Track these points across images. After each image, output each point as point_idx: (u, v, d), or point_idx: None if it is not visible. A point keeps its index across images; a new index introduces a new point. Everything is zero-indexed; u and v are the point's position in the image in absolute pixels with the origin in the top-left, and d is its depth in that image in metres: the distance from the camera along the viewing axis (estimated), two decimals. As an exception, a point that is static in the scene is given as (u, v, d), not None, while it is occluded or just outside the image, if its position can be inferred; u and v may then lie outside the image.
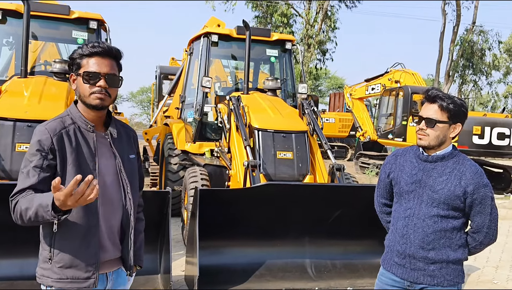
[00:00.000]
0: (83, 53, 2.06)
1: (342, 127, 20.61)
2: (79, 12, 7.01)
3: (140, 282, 4.40)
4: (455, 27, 29.30)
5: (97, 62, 2.05)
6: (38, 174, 1.93)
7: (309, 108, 6.70)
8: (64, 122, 2.06)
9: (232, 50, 8.22)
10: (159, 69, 13.68)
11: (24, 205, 1.87)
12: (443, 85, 30.49)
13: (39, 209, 1.82)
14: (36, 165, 1.94)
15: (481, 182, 2.39)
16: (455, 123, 2.44)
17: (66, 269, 2.00)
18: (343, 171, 5.84)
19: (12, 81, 5.92)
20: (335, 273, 4.91)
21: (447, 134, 2.44)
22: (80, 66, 2.07)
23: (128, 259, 2.18)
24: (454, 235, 2.45)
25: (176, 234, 6.37)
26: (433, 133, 2.41)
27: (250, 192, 4.85)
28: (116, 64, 2.12)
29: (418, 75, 14.94)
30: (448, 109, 2.39)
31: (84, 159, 2.03)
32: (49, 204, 1.79)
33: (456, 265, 2.47)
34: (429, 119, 2.41)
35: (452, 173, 2.42)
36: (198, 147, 7.35)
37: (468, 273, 5.78)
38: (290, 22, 26.71)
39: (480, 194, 2.38)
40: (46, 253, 2.01)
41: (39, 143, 1.96)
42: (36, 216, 1.84)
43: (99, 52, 2.06)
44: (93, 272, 2.03)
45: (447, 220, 2.43)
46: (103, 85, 2.04)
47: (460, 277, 2.50)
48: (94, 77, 2.03)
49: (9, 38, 7.24)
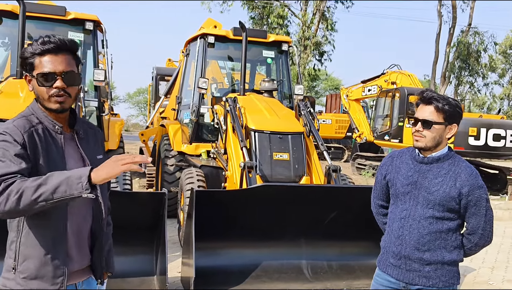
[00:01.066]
0: (34, 51, 1.86)
1: (338, 128, 20.62)
2: (75, 13, 7.00)
3: (135, 283, 4.40)
4: (451, 29, 29.44)
5: (50, 60, 1.86)
6: (25, 162, 1.75)
7: (306, 109, 6.70)
8: (31, 121, 1.87)
9: (228, 51, 8.22)
10: (156, 70, 13.68)
11: (31, 183, 1.66)
12: (439, 87, 30.59)
13: (63, 183, 1.66)
14: (18, 154, 1.74)
15: (476, 183, 2.39)
16: (451, 124, 2.44)
17: (30, 280, 1.82)
18: (339, 172, 5.85)
19: (8, 82, 5.91)
20: (331, 274, 4.91)
21: (443, 135, 2.44)
22: (33, 67, 1.87)
23: (99, 267, 2.04)
24: (450, 237, 2.45)
25: (173, 236, 6.36)
26: (429, 134, 2.41)
27: (247, 193, 4.84)
28: (72, 58, 1.93)
29: (414, 76, 14.96)
30: (444, 110, 2.39)
31: (54, 161, 1.86)
32: (86, 175, 1.66)
33: (451, 266, 2.47)
34: (425, 121, 2.41)
35: (447, 175, 2.42)
36: (194, 148, 7.35)
37: (464, 274, 5.79)
38: (285, 23, 26.73)
39: (475, 195, 2.38)
40: (11, 262, 1.83)
41: (12, 137, 1.77)
42: (54, 192, 1.65)
43: (51, 49, 1.86)
44: (60, 284, 1.85)
45: (442, 222, 2.43)
46: (60, 86, 1.86)
47: (455, 278, 2.50)
48: (49, 78, 1.85)
49: (5, 39, 7.23)
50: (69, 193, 1.66)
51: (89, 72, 7.21)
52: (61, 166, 1.86)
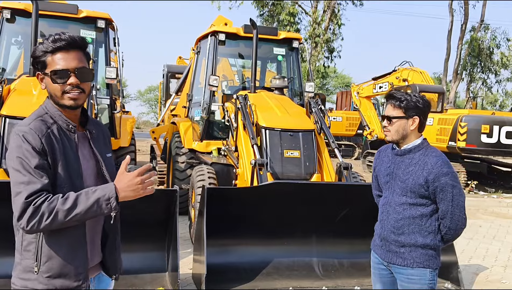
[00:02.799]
0: (45, 50, 1.87)
1: (349, 125, 20.54)
2: (87, 11, 7.05)
3: (147, 280, 4.43)
4: (462, 25, 29.13)
5: (63, 58, 1.87)
6: (45, 174, 1.78)
7: (316, 106, 6.69)
8: (46, 121, 1.89)
9: (239, 48, 8.22)
10: (167, 68, 13.72)
11: (63, 206, 1.72)
12: (451, 84, 30.32)
13: (94, 204, 1.75)
14: (38, 165, 1.76)
15: (441, 171, 2.59)
16: (411, 116, 2.68)
17: (54, 279, 1.86)
18: (350, 170, 5.83)
19: (21, 80, 5.97)
20: (342, 272, 4.91)
21: (407, 128, 2.70)
22: (45, 65, 1.88)
23: (113, 264, 2.10)
24: (424, 222, 2.67)
25: (184, 233, 6.39)
26: (392, 128, 2.72)
27: (257, 190, 4.84)
28: (84, 54, 1.95)
29: (426, 73, 14.83)
30: (400, 106, 2.68)
31: (70, 160, 1.88)
32: (113, 196, 1.77)
33: (426, 249, 2.68)
34: (387, 117, 2.73)
35: (417, 164, 2.66)
36: (205, 146, 7.37)
37: (476, 272, 5.75)
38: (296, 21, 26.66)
39: (440, 182, 2.57)
40: (30, 263, 1.84)
41: (30, 145, 1.78)
42: (86, 213, 1.75)
43: (62, 46, 1.87)
44: (82, 281, 1.91)
45: (415, 208, 2.67)
46: (74, 82, 1.88)
47: (431, 262, 2.69)
48: (63, 75, 1.86)
49: (18, 37, 7.30)
50: (100, 213, 1.78)
51: (101, 70, 7.26)
52: (76, 165, 1.90)
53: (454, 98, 29.93)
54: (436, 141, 12.85)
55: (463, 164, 12.83)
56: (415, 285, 2.69)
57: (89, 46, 7.32)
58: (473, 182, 12.42)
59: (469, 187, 12.40)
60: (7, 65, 7.03)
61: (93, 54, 7.17)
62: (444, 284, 4.81)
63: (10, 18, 6.76)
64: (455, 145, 12.17)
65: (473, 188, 12.55)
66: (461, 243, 7.06)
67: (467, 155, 13.04)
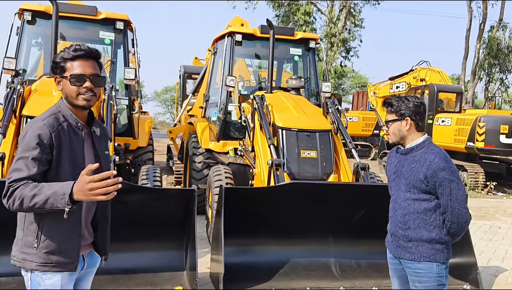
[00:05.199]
0: (66, 57, 2.20)
1: (365, 126, 20.40)
2: (106, 12, 7.13)
3: (166, 278, 4.47)
4: (481, 25, 28.72)
5: (81, 65, 2.19)
6: (37, 166, 2.04)
7: (333, 106, 6.68)
8: (58, 118, 2.18)
9: (255, 49, 8.24)
10: (183, 68, 13.81)
11: (29, 192, 1.97)
12: (469, 84, 29.94)
13: (51, 196, 1.95)
14: (35, 157, 2.04)
15: (438, 166, 2.71)
16: (403, 118, 2.86)
17: (51, 254, 2.15)
18: (367, 170, 5.81)
19: (42, 81, 6.06)
20: (360, 273, 4.89)
21: (402, 129, 2.87)
22: (64, 70, 2.20)
23: (102, 245, 2.41)
24: (429, 217, 2.79)
25: (201, 232, 6.42)
26: (390, 131, 2.92)
27: (274, 190, 4.86)
28: (98, 64, 2.29)
29: (444, 73, 14.69)
30: (393, 110, 2.88)
31: (75, 155, 2.19)
32: (68, 193, 1.94)
33: (431, 243, 2.78)
34: (386, 121, 2.94)
35: (418, 161, 2.80)
36: (222, 146, 7.40)
37: (495, 274, 5.69)
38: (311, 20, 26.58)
39: (438, 177, 2.70)
40: (31, 239, 2.13)
41: (39, 137, 2.06)
42: (45, 203, 1.96)
43: (82, 55, 2.20)
44: (75, 257, 2.22)
45: (419, 203, 2.80)
46: (89, 86, 2.20)
47: (438, 256, 2.78)
48: (80, 79, 2.18)
49: (38, 38, 7.42)
50: (56, 206, 1.97)
51: (120, 71, 7.34)
52: (80, 158, 2.21)
53: (472, 98, 29.55)
54: (454, 141, 12.71)
55: (481, 164, 12.67)
56: (423, 278, 2.80)
57: (108, 47, 7.42)
58: (492, 183, 12.27)
59: (487, 188, 12.25)
60: (27, 66, 7.14)
61: (112, 55, 7.26)
62: (463, 285, 4.77)
63: (31, 20, 6.88)
64: (474, 146, 12.02)
65: (492, 189, 12.39)
66: (480, 244, 6.99)
67: (485, 156, 12.87)
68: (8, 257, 2.14)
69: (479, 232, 7.86)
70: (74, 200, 1.95)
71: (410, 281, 2.88)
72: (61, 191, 1.95)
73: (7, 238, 3.99)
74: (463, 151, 12.68)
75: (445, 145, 11.98)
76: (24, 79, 5.94)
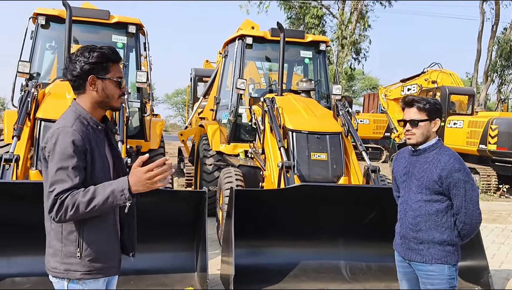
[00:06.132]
0: (110, 57, 2.16)
1: (376, 128, 20.34)
2: (118, 16, 7.21)
3: (177, 279, 4.51)
4: (493, 26, 28.50)
5: (118, 69, 2.21)
6: (79, 175, 2.02)
7: (344, 109, 6.68)
8: (83, 122, 2.13)
9: (266, 52, 8.27)
10: (194, 71, 13.88)
11: (82, 198, 1.96)
12: (481, 85, 29.69)
13: (109, 196, 1.97)
14: (75, 166, 2.01)
15: (453, 167, 2.70)
16: (434, 119, 2.83)
17: (94, 262, 2.13)
18: (378, 173, 5.80)
19: (55, 84, 6.15)
20: (370, 275, 4.89)
21: (430, 129, 2.83)
22: (108, 70, 2.15)
23: (131, 244, 2.37)
24: (440, 218, 2.77)
25: (211, 234, 6.46)
26: (418, 131, 2.82)
27: (285, 193, 4.88)
28: None
29: (456, 75, 14.60)
30: (425, 108, 2.81)
31: (102, 156, 2.17)
32: (126, 188, 1.97)
33: (443, 245, 2.76)
34: (412, 121, 2.83)
35: (431, 162, 2.78)
36: (232, 148, 7.44)
37: (507, 277, 5.64)
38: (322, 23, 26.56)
39: (453, 178, 2.69)
40: (73, 249, 2.09)
41: (74, 144, 2.02)
42: (104, 204, 1.97)
43: (119, 59, 2.23)
44: (117, 261, 2.25)
45: (431, 204, 2.78)
46: (125, 89, 2.27)
47: (450, 258, 2.77)
48: (121, 82, 2.21)
49: (52, 42, 7.52)
50: (116, 203, 1.99)
51: (132, 74, 7.41)
52: (106, 159, 2.19)
53: (484, 100, 29.30)
54: (466, 144, 12.62)
55: (494, 167, 12.56)
56: (435, 281, 2.77)
57: (120, 51, 7.50)
58: (504, 186, 12.15)
59: (500, 191, 12.14)
60: (41, 70, 7.24)
61: (124, 59, 7.33)
62: (475, 288, 4.74)
63: (44, 24, 6.97)
64: (486, 148, 11.93)
65: (505, 192, 12.27)
66: (492, 247, 6.94)
67: (498, 159, 12.76)
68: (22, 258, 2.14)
69: (491, 235, 7.80)
70: (132, 194, 1.98)
71: (422, 283, 2.86)
72: (118, 189, 1.97)
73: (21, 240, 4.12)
74: (475, 154, 12.58)
75: (457, 148, 11.90)
76: (38, 83, 6.02)
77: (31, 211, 4.18)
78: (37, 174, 5.14)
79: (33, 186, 4.43)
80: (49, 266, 2.14)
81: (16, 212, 4.06)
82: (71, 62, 2.15)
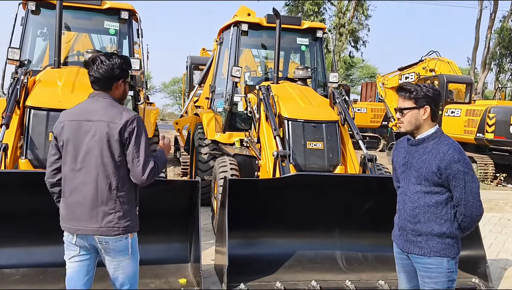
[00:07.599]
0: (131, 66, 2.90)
1: (374, 117, 20.28)
2: (110, 2, 7.06)
3: (171, 270, 4.44)
4: (492, 14, 28.35)
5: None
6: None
7: (340, 97, 6.58)
8: None
9: (262, 39, 8.15)
10: (190, 59, 13.74)
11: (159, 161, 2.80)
12: (479, 74, 29.60)
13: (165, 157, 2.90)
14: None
15: (453, 158, 2.61)
16: (422, 106, 2.73)
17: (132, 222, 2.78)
18: (375, 162, 5.72)
19: (46, 72, 6.03)
20: (366, 266, 4.83)
21: (419, 118, 2.74)
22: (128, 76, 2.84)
23: None
24: (439, 210, 2.69)
25: (206, 224, 6.40)
26: (405, 119, 2.77)
27: (280, 182, 4.80)
28: None
29: (453, 63, 14.53)
30: (411, 97, 2.73)
31: None
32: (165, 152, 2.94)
33: (442, 238, 2.69)
34: (399, 109, 2.80)
35: (430, 153, 2.70)
36: (228, 137, 7.35)
37: (504, 267, 5.61)
38: (321, 10, 26.38)
39: (452, 169, 2.61)
40: (134, 209, 2.79)
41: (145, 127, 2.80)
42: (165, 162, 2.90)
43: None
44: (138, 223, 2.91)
45: (430, 195, 2.71)
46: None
47: (449, 251, 2.70)
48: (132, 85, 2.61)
49: (43, 29, 7.36)
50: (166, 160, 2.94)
51: (125, 61, 7.26)
52: None
53: (482, 88, 29.23)
54: (463, 132, 12.57)
55: (491, 156, 12.54)
56: (433, 274, 2.72)
57: (113, 37, 7.36)
58: (501, 175, 12.13)
59: (497, 180, 12.11)
60: (33, 57, 7.10)
61: (117, 46, 7.19)
62: (472, 279, 4.69)
63: (35, 10, 6.81)
64: (483, 137, 11.89)
65: (502, 181, 12.25)
66: (489, 237, 6.90)
67: (495, 147, 12.73)
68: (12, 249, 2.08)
69: (488, 224, 7.76)
70: None
71: (420, 276, 2.80)
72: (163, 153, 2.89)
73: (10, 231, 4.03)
74: (472, 143, 12.54)
75: (454, 136, 11.79)
76: (29, 70, 5.88)
77: (20, 202, 4.12)
78: (26, 163, 5.02)
79: (22, 175, 4.34)
80: (117, 226, 2.66)
81: (4, 202, 3.96)
82: (102, 64, 2.67)
